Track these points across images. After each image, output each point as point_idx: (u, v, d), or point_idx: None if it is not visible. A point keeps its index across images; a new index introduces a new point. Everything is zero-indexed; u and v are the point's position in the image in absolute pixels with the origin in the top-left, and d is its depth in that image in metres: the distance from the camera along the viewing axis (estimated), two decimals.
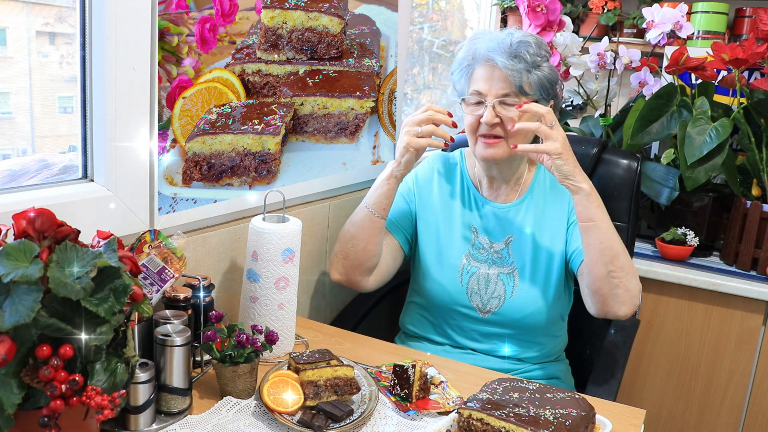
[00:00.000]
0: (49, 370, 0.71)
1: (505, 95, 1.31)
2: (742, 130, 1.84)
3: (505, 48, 1.31)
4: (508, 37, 1.34)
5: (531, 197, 1.44)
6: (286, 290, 1.22)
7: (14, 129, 1.16)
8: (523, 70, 1.31)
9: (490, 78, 1.33)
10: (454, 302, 1.43)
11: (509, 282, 1.40)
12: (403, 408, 1.08)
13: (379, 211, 1.37)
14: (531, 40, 1.34)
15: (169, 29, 1.14)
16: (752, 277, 1.81)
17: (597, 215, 1.28)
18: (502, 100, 1.31)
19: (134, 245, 1.08)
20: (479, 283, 1.41)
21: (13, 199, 0.98)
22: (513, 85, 1.31)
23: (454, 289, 1.42)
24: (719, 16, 2.12)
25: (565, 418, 0.92)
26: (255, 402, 1.06)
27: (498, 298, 1.40)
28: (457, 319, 1.44)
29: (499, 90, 1.31)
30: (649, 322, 1.89)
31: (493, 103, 1.31)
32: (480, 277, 1.41)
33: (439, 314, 1.46)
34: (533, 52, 1.32)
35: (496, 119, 1.32)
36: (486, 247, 1.43)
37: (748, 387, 1.82)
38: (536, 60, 1.33)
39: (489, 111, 1.32)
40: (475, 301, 1.42)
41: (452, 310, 1.43)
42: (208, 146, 1.27)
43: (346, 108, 1.59)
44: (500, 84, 1.32)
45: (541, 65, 1.34)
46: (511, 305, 1.39)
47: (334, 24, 1.49)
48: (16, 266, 0.72)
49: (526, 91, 1.32)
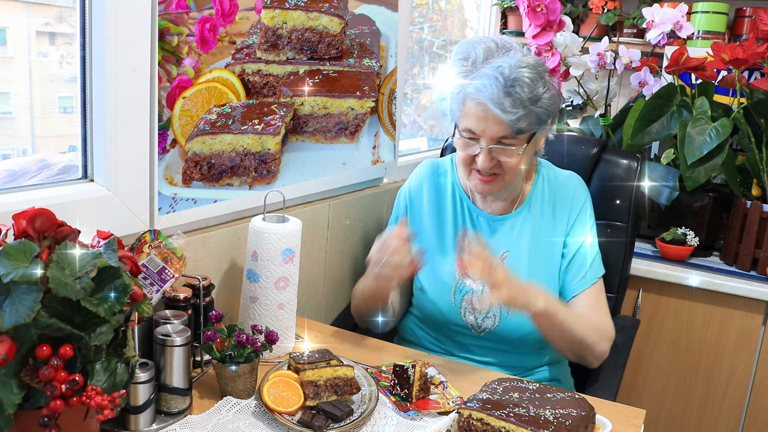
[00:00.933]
0: (49, 370, 0.71)
1: (501, 138, 1.23)
2: (742, 130, 1.84)
3: (498, 91, 1.20)
4: (500, 76, 1.20)
5: (528, 210, 1.40)
6: (286, 290, 1.22)
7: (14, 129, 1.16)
8: (523, 115, 1.21)
9: (484, 119, 1.23)
10: (448, 321, 1.39)
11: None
12: (403, 408, 1.08)
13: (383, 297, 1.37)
14: (525, 74, 1.21)
15: (169, 29, 1.14)
16: (752, 277, 1.81)
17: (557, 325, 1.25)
18: (497, 142, 1.24)
19: (134, 245, 1.08)
20: (473, 303, 1.37)
21: (13, 199, 0.98)
22: (509, 129, 1.22)
23: (447, 309, 1.38)
24: (719, 16, 2.12)
25: (565, 418, 0.92)
26: (255, 402, 1.06)
27: (493, 318, 1.36)
28: (452, 335, 1.41)
29: (495, 133, 1.23)
30: (649, 322, 1.89)
31: (488, 147, 1.24)
32: (474, 296, 1.37)
33: (434, 328, 1.43)
34: (529, 88, 1.21)
35: (492, 162, 1.26)
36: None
37: (748, 387, 1.82)
38: (535, 95, 1.22)
39: (485, 156, 1.25)
40: (469, 320, 1.38)
41: (447, 328, 1.41)
42: (208, 146, 1.27)
43: (346, 108, 1.59)
44: (495, 127, 1.22)
45: (540, 98, 1.23)
46: (507, 325, 1.35)
47: (334, 24, 1.48)
48: (16, 266, 0.72)
49: (523, 130, 1.24)
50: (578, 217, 1.39)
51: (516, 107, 1.20)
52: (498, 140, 1.24)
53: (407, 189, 1.50)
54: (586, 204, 1.41)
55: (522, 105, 1.21)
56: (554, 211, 1.40)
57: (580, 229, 1.39)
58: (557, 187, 1.42)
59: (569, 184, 1.42)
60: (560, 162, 1.54)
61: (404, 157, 2.01)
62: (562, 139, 1.71)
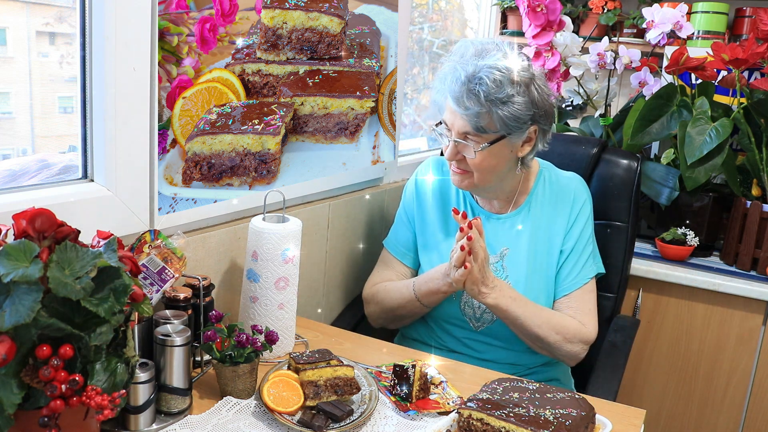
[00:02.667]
0: (49, 370, 0.71)
1: (464, 134, 1.29)
2: (742, 130, 1.84)
3: (458, 88, 1.26)
4: (464, 73, 1.25)
5: (528, 210, 1.42)
6: (286, 290, 1.22)
7: (14, 129, 1.16)
8: (482, 113, 1.25)
9: (453, 114, 1.30)
10: (447, 314, 1.41)
11: None
12: (403, 408, 1.08)
13: (429, 306, 1.40)
14: (493, 75, 1.23)
15: (169, 29, 1.14)
16: (752, 277, 1.81)
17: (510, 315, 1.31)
18: (461, 137, 1.29)
19: (134, 245, 1.08)
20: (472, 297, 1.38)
21: (13, 199, 0.98)
22: (469, 125, 1.27)
23: (446, 301, 1.40)
24: (719, 16, 2.12)
25: (565, 418, 0.92)
26: (255, 402, 1.06)
27: (491, 313, 1.38)
28: (450, 329, 1.43)
29: (459, 128, 1.29)
30: (649, 322, 1.89)
31: (453, 139, 1.31)
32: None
33: (432, 321, 1.45)
34: (489, 89, 1.23)
35: (457, 156, 1.32)
36: None
37: (748, 387, 1.81)
38: (497, 98, 1.24)
39: (450, 147, 1.32)
40: (467, 314, 1.40)
41: (445, 321, 1.43)
42: (208, 146, 1.27)
43: (346, 108, 1.59)
44: (460, 122, 1.29)
45: (507, 102, 1.24)
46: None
47: (334, 24, 1.48)
48: (16, 266, 0.72)
49: (486, 130, 1.27)
50: (577, 218, 1.41)
51: (473, 104, 1.25)
52: (463, 135, 1.30)
53: (414, 182, 1.52)
54: (586, 205, 1.42)
55: (479, 103, 1.24)
56: (554, 212, 1.41)
57: (577, 229, 1.40)
58: (558, 188, 1.43)
59: (570, 185, 1.43)
60: (560, 162, 1.54)
61: (404, 157, 2.01)
62: (562, 139, 1.71)
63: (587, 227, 1.41)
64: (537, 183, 1.43)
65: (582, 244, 1.39)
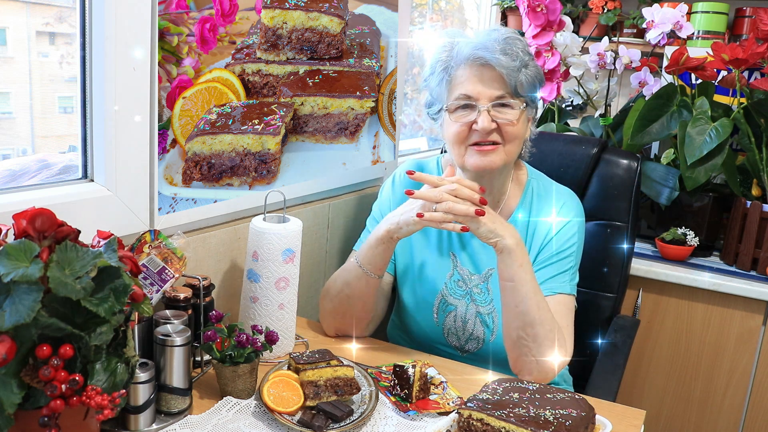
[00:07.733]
0: (49, 369, 0.71)
1: (500, 97, 1.20)
2: (742, 130, 1.84)
3: (497, 44, 1.19)
4: (494, 33, 1.21)
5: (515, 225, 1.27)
6: (287, 290, 1.22)
7: (14, 129, 1.16)
8: (516, 69, 1.19)
9: (480, 79, 1.20)
10: (431, 340, 1.37)
11: (489, 323, 1.32)
12: (403, 408, 1.08)
13: (374, 272, 1.25)
14: (518, 36, 1.23)
15: (169, 29, 1.14)
16: (752, 277, 1.81)
17: (517, 276, 1.15)
18: (497, 102, 1.20)
19: (134, 245, 1.08)
20: (456, 324, 1.34)
21: (13, 199, 0.98)
22: (508, 86, 1.20)
23: (430, 328, 1.36)
24: (719, 16, 2.12)
25: (565, 419, 0.92)
26: (255, 402, 1.06)
27: (477, 340, 1.33)
28: (437, 353, 1.35)
29: (494, 92, 1.19)
30: (649, 322, 1.89)
31: (487, 107, 1.19)
32: (457, 317, 1.33)
33: (419, 344, 1.40)
34: (522, 49, 1.21)
35: (493, 125, 1.19)
36: (465, 280, 1.33)
37: (748, 387, 1.81)
38: (525, 58, 1.22)
39: (485, 116, 1.18)
40: (452, 341, 1.35)
41: (431, 347, 1.38)
42: (208, 146, 1.27)
43: (346, 108, 1.59)
44: (494, 84, 1.19)
45: (529, 64, 1.23)
46: (492, 348, 1.32)
47: (334, 24, 1.48)
48: (17, 266, 0.72)
49: (519, 92, 1.21)
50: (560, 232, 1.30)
51: (513, 60, 1.19)
52: (497, 99, 1.20)
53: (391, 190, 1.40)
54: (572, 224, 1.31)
55: (519, 57, 1.20)
56: (536, 226, 1.31)
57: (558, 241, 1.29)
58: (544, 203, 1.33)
59: (558, 202, 1.33)
60: (560, 162, 1.54)
61: (404, 157, 2.01)
62: (562, 139, 1.71)
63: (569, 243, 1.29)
64: (524, 196, 1.34)
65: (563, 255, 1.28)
